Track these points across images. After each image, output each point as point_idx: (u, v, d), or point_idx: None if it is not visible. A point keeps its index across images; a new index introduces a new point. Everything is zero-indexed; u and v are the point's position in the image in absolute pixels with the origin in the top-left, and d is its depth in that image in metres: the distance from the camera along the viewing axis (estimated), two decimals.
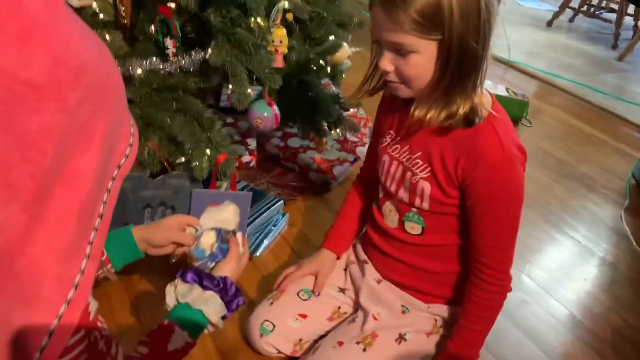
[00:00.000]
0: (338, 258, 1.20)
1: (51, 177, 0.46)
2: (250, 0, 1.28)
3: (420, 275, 1.08)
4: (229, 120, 1.95)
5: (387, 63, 0.88)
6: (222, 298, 0.89)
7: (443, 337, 1.08)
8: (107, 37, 1.22)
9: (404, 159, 1.01)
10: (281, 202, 1.62)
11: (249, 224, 1.48)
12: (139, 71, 1.31)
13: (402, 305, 1.10)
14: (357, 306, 1.14)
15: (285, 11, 1.41)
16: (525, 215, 1.87)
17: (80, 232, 0.50)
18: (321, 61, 1.63)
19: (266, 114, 1.43)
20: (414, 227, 1.04)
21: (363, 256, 1.17)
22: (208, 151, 1.34)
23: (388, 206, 1.08)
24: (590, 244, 1.77)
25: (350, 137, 1.97)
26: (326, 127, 1.66)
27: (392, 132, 1.05)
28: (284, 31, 1.38)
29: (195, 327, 0.87)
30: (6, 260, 0.45)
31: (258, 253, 1.48)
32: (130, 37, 1.33)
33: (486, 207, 0.93)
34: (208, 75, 1.39)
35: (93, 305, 0.59)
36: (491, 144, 0.89)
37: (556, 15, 4.27)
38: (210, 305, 0.87)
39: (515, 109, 2.49)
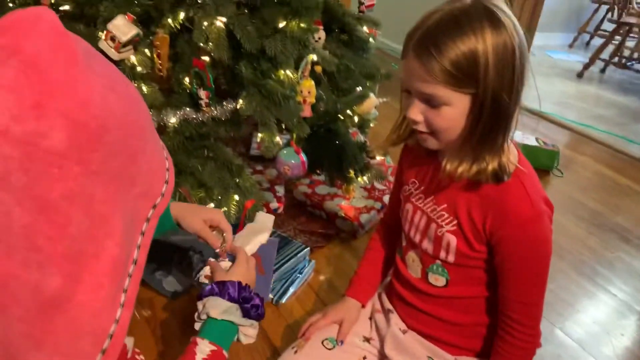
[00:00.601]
0: (363, 306, 1.19)
1: (82, 238, 0.47)
2: (280, 54, 1.34)
3: (446, 327, 1.05)
4: (259, 167, 1.99)
5: (417, 113, 0.86)
6: (221, 297, 0.91)
7: None
8: (145, 88, 1.29)
9: (429, 210, 0.99)
10: (307, 249, 1.63)
11: (275, 271, 1.48)
12: (173, 120, 1.36)
13: (428, 357, 1.07)
14: (382, 356, 1.12)
15: (313, 64, 1.47)
16: (557, 267, 1.84)
17: (115, 285, 0.52)
18: (348, 111, 1.66)
19: (294, 161, 1.46)
20: (437, 279, 1.01)
21: (388, 305, 1.16)
22: (236, 197, 1.37)
23: (411, 256, 1.06)
24: (627, 298, 1.71)
25: (377, 185, 1.98)
26: (353, 175, 1.68)
27: (415, 180, 1.04)
28: (312, 82, 1.43)
29: (212, 333, 0.87)
30: (44, 318, 0.47)
31: (284, 300, 1.48)
32: (166, 88, 1.40)
33: (516, 263, 0.91)
34: (239, 125, 1.44)
35: (130, 343, 0.61)
36: (520, 200, 0.87)
37: (587, 66, 4.27)
38: (207, 307, 0.89)
39: (545, 159, 2.47)
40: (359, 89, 1.68)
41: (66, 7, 1.27)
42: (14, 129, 0.41)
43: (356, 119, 1.80)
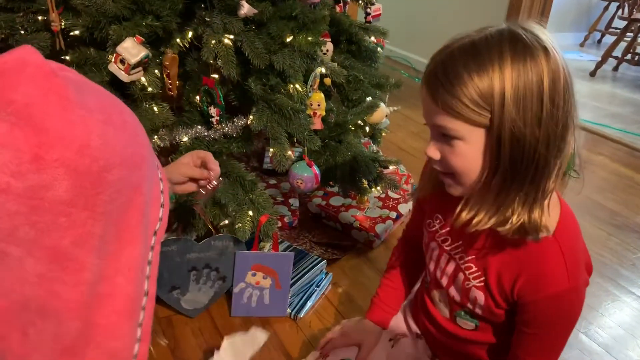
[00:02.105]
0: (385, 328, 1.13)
1: (96, 282, 0.47)
2: (288, 69, 1.34)
3: None
4: (272, 181, 1.99)
5: (434, 150, 0.79)
6: None
7: None
8: (155, 108, 1.30)
9: (457, 256, 0.91)
10: (324, 262, 1.62)
11: (291, 285, 1.48)
12: (185, 139, 1.37)
13: None
14: None
15: (322, 76, 1.47)
16: None
17: (130, 322, 0.52)
18: (359, 121, 1.66)
19: (306, 174, 1.46)
20: (466, 324, 0.95)
21: (416, 329, 1.10)
22: (251, 213, 1.37)
23: (437, 295, 0.99)
24: None
25: (391, 194, 1.97)
26: (367, 185, 1.67)
27: (440, 217, 0.96)
28: (321, 95, 1.43)
29: None
30: None
31: (302, 314, 1.47)
32: (177, 107, 1.41)
33: (539, 330, 0.85)
34: (250, 140, 1.45)
35: None
36: (556, 272, 0.79)
37: (599, 65, 4.22)
38: None
39: None
40: (369, 99, 1.68)
41: (76, 32, 1.29)
42: (16, 185, 0.41)
43: (367, 129, 1.80)
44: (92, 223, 0.45)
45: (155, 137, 1.33)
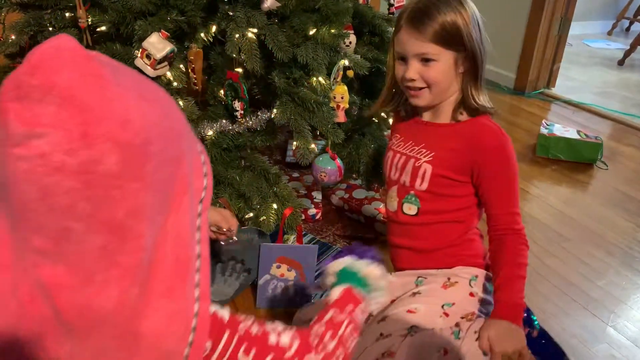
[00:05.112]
0: None
1: (150, 248, 0.50)
2: (311, 62, 1.34)
3: (421, 258, 1.20)
4: (295, 174, 2.00)
5: (414, 72, 1.10)
6: None
7: (459, 287, 1.15)
8: (181, 103, 1.31)
9: (408, 151, 1.20)
10: None
11: (315, 277, 1.49)
12: (210, 133, 1.39)
13: (416, 278, 1.19)
14: None
15: (345, 68, 1.47)
16: (607, 263, 1.78)
17: (185, 284, 0.55)
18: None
19: (330, 167, 1.46)
20: (410, 208, 1.19)
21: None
22: (275, 205, 1.38)
23: (390, 194, 1.24)
24: None
25: None
26: None
27: (398, 135, 1.26)
28: (344, 87, 1.43)
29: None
30: (131, 329, 0.51)
31: None
32: (201, 101, 1.43)
33: (498, 180, 1.12)
34: (274, 133, 1.46)
35: (225, 313, 0.66)
36: (491, 130, 1.12)
37: (628, 53, 4.12)
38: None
39: (588, 152, 2.39)
40: None
41: (102, 28, 1.31)
42: (70, 162, 0.44)
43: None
44: (144, 195, 0.48)
45: None
